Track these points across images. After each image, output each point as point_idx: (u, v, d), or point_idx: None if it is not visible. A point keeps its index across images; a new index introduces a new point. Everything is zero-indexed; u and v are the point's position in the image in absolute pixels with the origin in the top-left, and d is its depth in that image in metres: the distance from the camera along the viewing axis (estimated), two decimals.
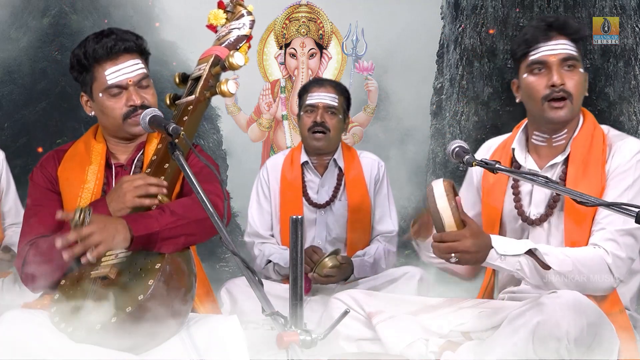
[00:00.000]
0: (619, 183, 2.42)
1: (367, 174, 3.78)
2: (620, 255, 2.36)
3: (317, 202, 3.74)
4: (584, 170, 2.46)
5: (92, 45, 2.46)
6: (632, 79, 5.70)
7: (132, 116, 2.45)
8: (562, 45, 2.48)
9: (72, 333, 2.11)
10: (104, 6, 5.65)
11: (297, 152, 3.80)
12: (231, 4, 2.74)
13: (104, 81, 2.45)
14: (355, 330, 2.49)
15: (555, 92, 2.46)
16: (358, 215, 3.72)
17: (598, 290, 2.35)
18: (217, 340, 2.14)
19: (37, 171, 2.51)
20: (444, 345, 2.39)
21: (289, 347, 1.70)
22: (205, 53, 2.65)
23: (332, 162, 3.77)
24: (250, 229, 3.78)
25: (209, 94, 2.53)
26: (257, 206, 3.79)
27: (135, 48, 2.49)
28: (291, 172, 3.75)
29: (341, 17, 5.74)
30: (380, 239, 3.74)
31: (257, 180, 3.83)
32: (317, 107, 3.67)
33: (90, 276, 2.21)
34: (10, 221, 3.81)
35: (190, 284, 2.20)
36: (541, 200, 2.52)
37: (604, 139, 2.50)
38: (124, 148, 2.54)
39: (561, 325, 2.14)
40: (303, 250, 1.87)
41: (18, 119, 5.50)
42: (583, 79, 2.51)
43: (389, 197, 3.81)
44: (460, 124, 5.84)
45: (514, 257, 2.31)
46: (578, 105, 2.51)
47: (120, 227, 2.15)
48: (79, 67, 2.50)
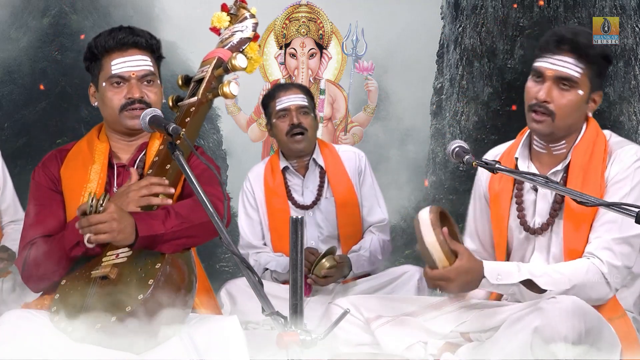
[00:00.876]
0: (617, 191, 2.40)
1: (348, 168, 3.77)
2: (616, 264, 2.35)
3: (303, 204, 3.73)
4: (584, 178, 2.44)
5: (104, 37, 2.50)
6: (632, 79, 5.71)
7: (128, 108, 2.46)
8: (564, 63, 2.42)
9: (72, 333, 2.11)
10: (104, 6, 5.65)
11: (276, 159, 3.80)
12: (234, 6, 2.76)
13: (109, 71, 2.47)
14: (354, 335, 2.49)
15: (537, 106, 2.44)
16: (346, 209, 3.72)
17: (595, 300, 2.33)
18: (217, 340, 2.13)
19: (39, 170, 2.51)
20: (443, 347, 2.38)
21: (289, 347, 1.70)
22: (208, 55, 2.66)
23: (312, 162, 3.76)
24: (242, 242, 3.79)
25: (211, 95, 2.54)
26: (245, 217, 3.80)
27: (145, 45, 2.52)
28: (273, 180, 3.75)
29: (341, 17, 5.74)
30: (372, 229, 3.73)
31: (242, 192, 3.83)
32: (289, 110, 3.67)
33: (91, 276, 2.21)
34: (9, 219, 3.80)
35: (191, 284, 2.20)
36: (545, 210, 2.51)
37: (605, 147, 2.48)
38: (126, 147, 2.54)
39: (560, 329, 2.14)
40: (303, 251, 1.87)
41: (18, 119, 5.50)
42: (579, 101, 2.44)
43: (375, 187, 3.79)
44: (460, 124, 5.84)
45: (508, 285, 2.32)
46: (564, 124, 2.46)
47: (128, 225, 2.16)
48: (90, 56, 2.53)
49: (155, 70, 2.53)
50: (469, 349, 2.34)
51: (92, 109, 2.63)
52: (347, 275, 3.58)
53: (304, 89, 3.82)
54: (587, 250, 2.39)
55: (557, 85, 2.43)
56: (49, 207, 2.42)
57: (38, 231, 2.38)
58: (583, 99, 2.45)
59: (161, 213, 2.25)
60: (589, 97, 2.46)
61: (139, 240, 2.18)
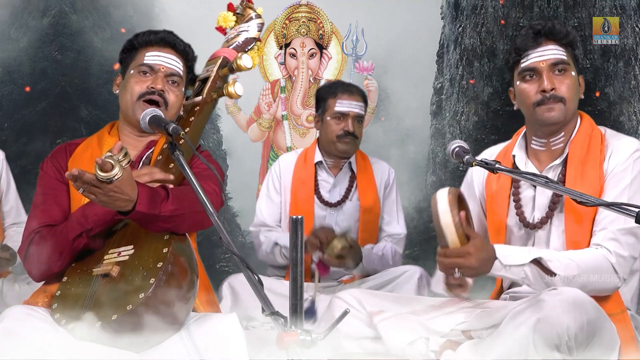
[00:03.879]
0: (618, 182, 2.43)
1: (377, 179, 3.87)
2: (623, 254, 2.37)
3: (328, 201, 3.80)
4: (582, 170, 2.47)
5: (148, 33, 2.60)
6: (632, 79, 5.70)
7: (145, 97, 2.49)
8: (550, 50, 2.51)
9: (73, 330, 2.11)
10: (104, 6, 5.65)
11: (312, 152, 3.86)
12: (241, 6, 2.76)
13: (142, 59, 2.54)
14: (357, 329, 2.50)
15: (547, 97, 2.49)
16: (369, 216, 3.80)
17: (603, 290, 2.36)
18: (217, 338, 2.14)
19: (48, 161, 2.54)
20: (445, 344, 2.39)
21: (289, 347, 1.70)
22: (214, 55, 2.68)
23: (347, 165, 3.84)
24: (257, 220, 3.86)
25: (216, 95, 2.56)
26: (266, 199, 3.86)
27: (182, 50, 2.59)
28: (304, 170, 3.82)
29: (341, 17, 5.75)
30: (387, 239, 3.81)
31: (269, 174, 3.90)
32: (347, 116, 3.74)
33: (92, 273, 2.21)
34: (11, 221, 3.81)
35: (192, 283, 2.20)
36: (544, 205, 2.53)
37: (602, 140, 2.52)
38: (136, 142, 2.55)
39: (562, 321, 2.14)
40: (303, 250, 1.87)
41: (18, 119, 5.50)
42: (575, 82, 2.53)
43: (397, 203, 3.90)
44: (460, 124, 5.84)
45: (519, 266, 2.32)
46: (572, 107, 2.53)
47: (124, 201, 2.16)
48: (129, 47, 2.60)
49: (183, 76, 2.57)
50: (470, 345, 2.34)
51: (92, 109, 2.64)
52: (358, 264, 3.59)
53: (364, 96, 3.86)
54: (594, 242, 2.40)
55: (553, 73, 2.50)
56: (55, 197, 2.44)
57: (42, 220, 2.40)
58: (577, 80, 2.54)
59: (162, 193, 2.26)
60: (577, 79, 2.55)
61: (132, 214, 2.19)
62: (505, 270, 2.32)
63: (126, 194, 2.15)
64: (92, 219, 2.26)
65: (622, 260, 2.36)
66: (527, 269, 2.32)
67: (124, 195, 2.14)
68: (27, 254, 2.37)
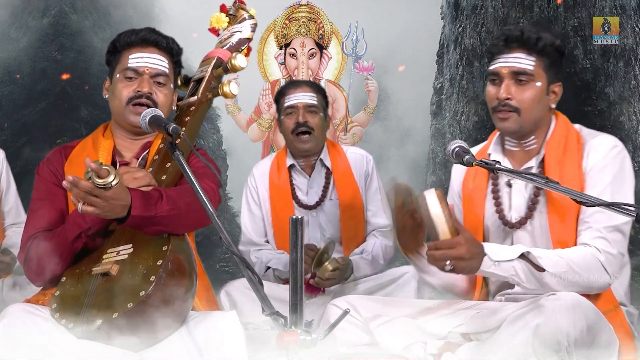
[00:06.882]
0: (599, 180, 2.43)
1: (355, 170, 3.75)
2: (612, 252, 2.37)
3: (306, 204, 3.72)
4: (561, 171, 2.47)
5: (129, 33, 2.57)
6: (632, 79, 5.70)
7: (134, 102, 2.48)
8: (516, 59, 2.50)
9: (73, 329, 2.11)
10: (104, 6, 5.65)
11: (283, 156, 3.77)
12: (233, 7, 2.77)
13: (125, 63, 2.53)
14: (353, 335, 2.49)
15: (501, 105, 2.50)
16: (351, 212, 3.71)
17: (594, 288, 2.36)
18: (216, 336, 2.14)
19: (44, 165, 2.53)
20: (443, 347, 2.38)
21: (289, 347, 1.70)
22: (207, 55, 2.68)
23: (319, 162, 3.74)
24: (244, 238, 3.78)
25: (211, 95, 2.56)
26: (248, 214, 3.78)
27: (165, 46, 2.57)
28: (278, 177, 3.73)
29: (341, 17, 5.75)
30: (376, 233, 3.72)
31: (246, 188, 3.82)
32: (297, 108, 3.65)
33: (92, 273, 2.21)
34: (11, 221, 3.80)
35: (192, 282, 2.21)
36: (521, 204, 2.54)
37: (579, 139, 2.52)
38: (131, 145, 2.56)
39: (561, 326, 2.14)
40: (303, 251, 1.87)
41: (18, 119, 5.50)
42: (539, 93, 2.50)
43: (381, 191, 3.77)
44: (460, 124, 5.84)
45: (508, 262, 2.31)
46: (530, 118, 2.51)
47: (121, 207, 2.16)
48: (112, 49, 2.59)
49: (170, 73, 2.56)
50: (470, 348, 2.34)
51: (92, 109, 2.64)
52: (348, 277, 3.57)
53: (315, 87, 3.78)
54: (581, 241, 2.40)
55: (514, 82, 2.50)
56: (52, 202, 2.44)
57: (40, 225, 2.40)
58: (542, 91, 2.52)
59: (156, 195, 2.26)
60: (547, 89, 2.53)
61: (128, 221, 2.19)
62: (495, 266, 2.31)
63: (123, 199, 2.15)
64: (89, 218, 2.25)
65: (611, 258, 2.36)
66: (517, 265, 2.32)
67: (121, 201, 2.14)
68: (26, 260, 2.37)
